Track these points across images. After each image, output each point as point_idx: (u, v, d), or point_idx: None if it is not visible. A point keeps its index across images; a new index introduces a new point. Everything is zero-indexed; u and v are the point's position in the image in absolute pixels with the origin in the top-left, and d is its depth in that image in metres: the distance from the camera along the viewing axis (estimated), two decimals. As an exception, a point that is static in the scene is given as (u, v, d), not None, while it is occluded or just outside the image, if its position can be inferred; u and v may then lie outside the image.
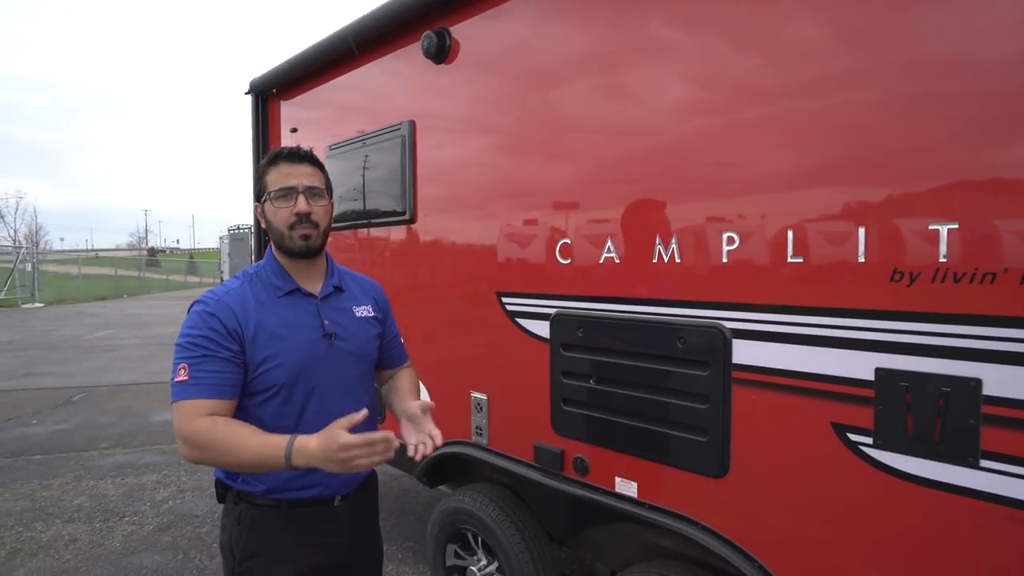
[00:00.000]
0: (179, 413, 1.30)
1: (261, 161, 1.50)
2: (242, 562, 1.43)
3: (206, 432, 1.27)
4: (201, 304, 1.39)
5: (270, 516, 1.43)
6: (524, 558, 2.19)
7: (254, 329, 1.38)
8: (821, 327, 1.41)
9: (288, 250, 1.46)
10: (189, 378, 1.31)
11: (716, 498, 1.63)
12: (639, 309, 1.78)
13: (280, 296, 1.46)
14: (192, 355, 1.33)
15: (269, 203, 1.45)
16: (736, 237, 1.56)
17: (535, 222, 2.09)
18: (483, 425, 2.32)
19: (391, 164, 2.68)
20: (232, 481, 1.45)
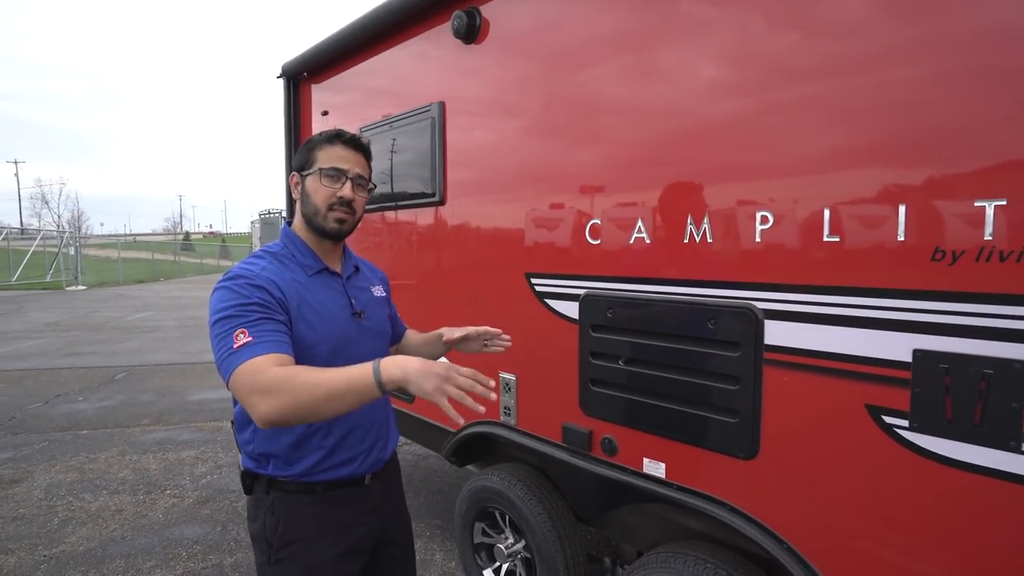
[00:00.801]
0: (249, 370, 1.17)
1: (318, 135, 1.49)
2: (280, 549, 1.41)
3: (284, 371, 1.17)
4: (240, 278, 1.32)
5: (304, 500, 1.42)
6: (551, 536, 2.22)
7: (297, 305, 1.37)
8: (857, 307, 1.38)
9: (319, 228, 1.46)
10: (253, 339, 1.22)
11: (745, 479, 1.62)
12: (669, 290, 1.77)
13: (311, 275, 1.46)
14: (249, 319, 1.25)
15: (314, 178, 1.45)
16: (770, 217, 1.54)
17: (564, 203, 2.09)
18: (511, 405, 2.34)
19: (421, 146, 2.70)
20: (263, 468, 1.42)
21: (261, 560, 1.45)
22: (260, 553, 1.45)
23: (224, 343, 1.24)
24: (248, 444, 1.45)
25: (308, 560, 1.42)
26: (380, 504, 1.55)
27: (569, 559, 2.21)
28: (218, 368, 1.25)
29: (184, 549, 3.14)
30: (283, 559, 1.41)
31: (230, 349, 1.21)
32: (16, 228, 30.25)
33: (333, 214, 1.45)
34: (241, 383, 1.18)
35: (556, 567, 2.20)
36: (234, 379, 1.19)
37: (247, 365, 1.19)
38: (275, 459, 1.41)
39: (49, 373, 7.25)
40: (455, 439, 2.63)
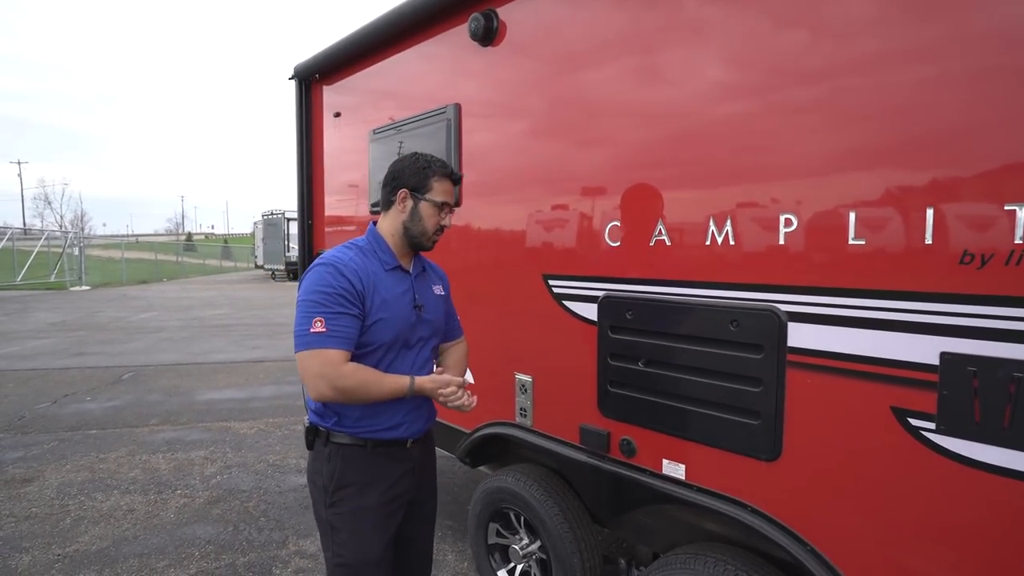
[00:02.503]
0: (322, 360, 1.54)
1: (434, 163, 1.75)
2: (336, 492, 1.69)
3: (353, 375, 1.57)
4: (332, 266, 1.61)
5: (357, 453, 1.69)
6: (567, 538, 2.22)
7: (372, 292, 1.65)
8: (883, 310, 1.39)
9: (419, 244, 1.77)
10: (327, 330, 1.55)
11: (767, 481, 1.63)
12: (691, 292, 1.77)
13: (387, 270, 1.72)
14: (329, 310, 1.56)
15: (430, 206, 1.74)
16: (794, 219, 1.54)
17: (584, 205, 2.10)
18: (527, 406, 2.35)
19: (436, 148, 2.70)
20: (325, 422, 1.70)
21: (318, 507, 1.74)
22: (317, 500, 1.74)
23: (303, 322, 1.57)
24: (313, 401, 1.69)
25: (357, 503, 1.69)
26: (419, 467, 1.83)
27: (586, 560, 2.21)
28: (294, 335, 1.60)
29: (197, 549, 3.15)
30: (336, 502, 1.69)
31: (307, 331, 1.55)
32: (19, 228, 30.32)
33: (435, 236, 1.79)
34: (310, 366, 1.55)
35: (572, 568, 2.21)
36: (305, 357, 1.56)
37: (325, 355, 1.55)
38: (340, 415, 1.69)
39: (56, 373, 7.27)
40: (469, 440, 2.63)
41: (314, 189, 3.85)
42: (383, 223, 1.78)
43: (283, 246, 22.47)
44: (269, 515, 3.54)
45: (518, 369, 2.38)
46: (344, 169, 3.57)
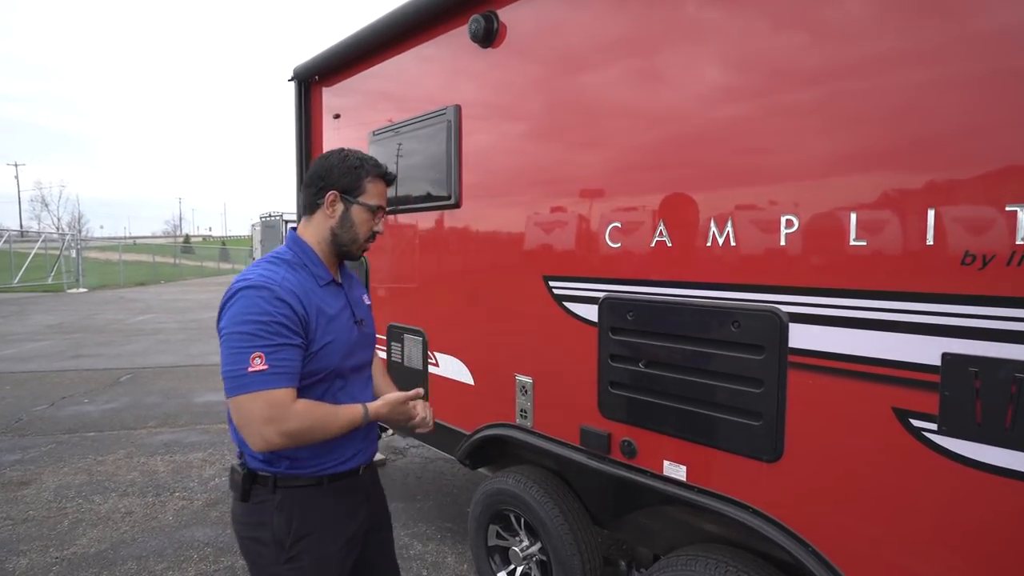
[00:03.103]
0: (268, 402, 1.29)
1: (366, 161, 1.54)
2: (293, 545, 1.43)
3: (307, 415, 1.35)
4: (265, 289, 1.36)
5: (313, 494, 1.47)
6: (567, 539, 2.22)
7: (315, 315, 1.43)
8: (884, 311, 1.39)
9: (349, 253, 1.57)
10: (269, 367, 1.30)
11: (769, 482, 1.63)
12: (692, 293, 1.77)
13: (322, 285, 1.51)
14: (269, 343, 1.32)
15: (363, 211, 1.53)
16: (795, 220, 1.54)
17: (584, 206, 2.10)
18: (528, 408, 2.35)
19: (437, 149, 2.71)
20: (275, 467, 1.44)
21: (266, 567, 1.45)
22: (265, 559, 1.44)
23: (238, 359, 1.31)
24: None
25: (319, 552, 1.47)
26: (370, 494, 1.66)
27: (586, 562, 2.21)
28: (225, 377, 1.33)
29: (195, 551, 3.14)
30: (296, 555, 1.44)
31: (243, 370, 1.30)
32: (16, 231, 30.25)
33: (366, 244, 1.58)
34: (253, 411, 1.30)
35: (573, 569, 2.20)
36: (244, 402, 1.30)
37: (271, 396, 1.30)
38: (293, 459, 1.45)
39: (54, 375, 7.25)
40: (469, 441, 2.63)
41: (313, 191, 3.85)
42: (307, 230, 1.54)
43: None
44: (268, 517, 3.53)
45: (518, 370, 2.38)
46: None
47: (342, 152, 1.54)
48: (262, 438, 1.31)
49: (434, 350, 2.83)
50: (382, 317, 3.20)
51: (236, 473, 1.48)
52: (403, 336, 3.02)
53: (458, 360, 2.69)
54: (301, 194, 1.50)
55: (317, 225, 1.53)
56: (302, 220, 1.58)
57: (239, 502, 1.48)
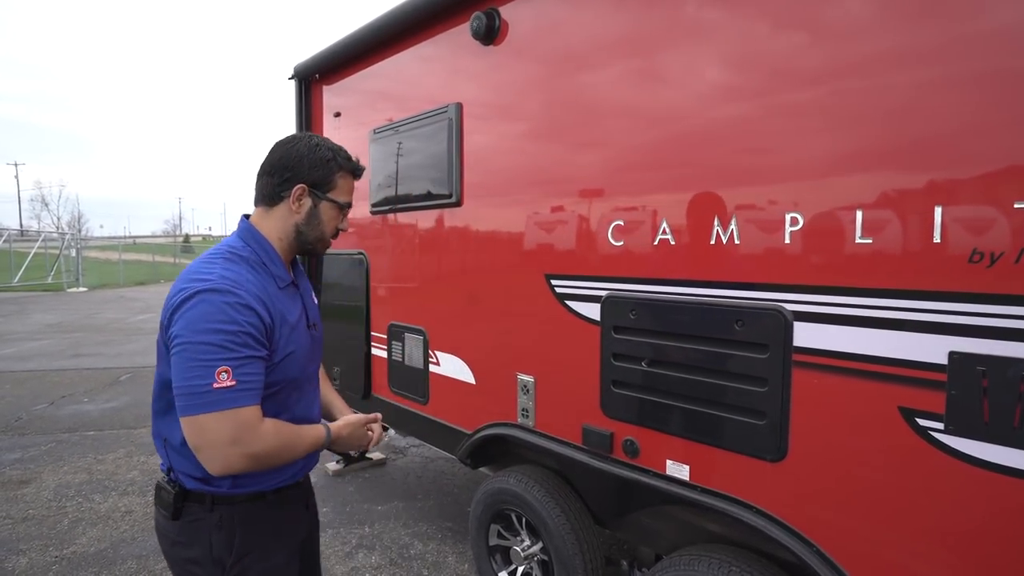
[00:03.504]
0: (236, 423, 1.17)
1: (338, 153, 1.42)
2: (235, 564, 1.33)
3: (274, 436, 1.24)
4: (231, 294, 1.22)
5: (256, 509, 1.36)
6: (569, 539, 2.21)
7: (280, 324, 1.32)
8: (890, 310, 1.38)
9: (311, 251, 1.46)
10: (236, 383, 1.18)
11: (773, 482, 1.62)
12: (695, 292, 1.76)
13: (282, 287, 1.38)
14: (235, 355, 1.19)
15: (332, 207, 1.42)
16: (800, 218, 1.53)
17: (587, 204, 2.09)
18: (529, 407, 2.34)
19: (438, 147, 2.70)
20: (216, 486, 1.31)
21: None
22: None
23: (200, 373, 1.16)
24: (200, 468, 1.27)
25: (265, 565, 1.37)
26: (308, 499, 1.57)
27: (588, 561, 2.20)
28: (182, 393, 1.18)
29: (195, 551, 3.13)
30: (239, 574, 1.34)
31: (207, 386, 1.16)
32: (16, 230, 30.25)
33: (330, 241, 1.47)
34: (219, 432, 1.17)
35: (575, 569, 2.19)
36: (209, 421, 1.16)
37: (231, 416, 1.17)
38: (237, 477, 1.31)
39: (53, 375, 7.24)
40: (470, 440, 2.62)
41: (314, 189, 3.83)
42: (266, 223, 1.39)
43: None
44: (268, 517, 3.52)
45: (520, 370, 2.37)
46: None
47: (311, 140, 1.40)
48: (224, 462, 1.18)
49: (435, 349, 2.82)
50: (383, 316, 3.19)
51: (165, 492, 1.34)
52: (404, 335, 3.01)
53: (459, 359, 2.68)
54: (259, 181, 1.40)
55: (279, 219, 1.39)
56: (257, 210, 1.42)
57: (169, 520, 1.34)
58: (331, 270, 3.67)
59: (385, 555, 3.07)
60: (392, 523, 3.42)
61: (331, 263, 3.67)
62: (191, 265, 1.31)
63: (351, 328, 3.42)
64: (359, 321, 3.33)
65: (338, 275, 3.61)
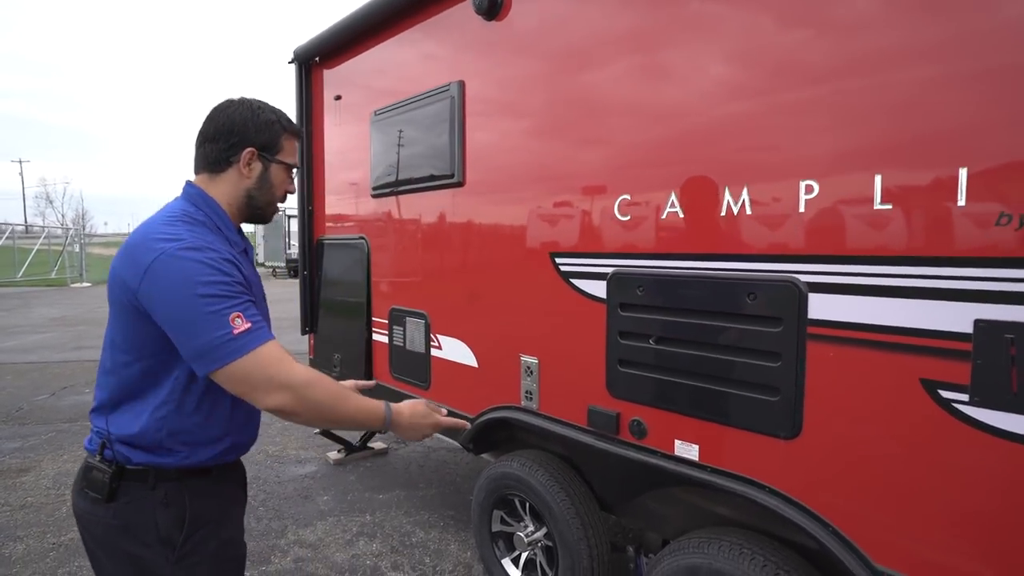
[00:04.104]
0: (269, 359, 1.17)
1: (280, 116, 1.39)
2: (188, 539, 1.26)
3: (314, 374, 1.23)
4: (210, 251, 1.20)
5: (202, 483, 1.30)
6: (574, 524, 2.16)
7: (249, 280, 1.30)
8: (911, 278, 1.32)
9: (261, 216, 1.43)
10: (252, 324, 1.17)
11: (786, 460, 1.56)
12: (704, 265, 1.70)
13: (238, 252, 1.34)
14: (240, 301, 1.19)
15: (282, 170, 1.40)
16: (815, 185, 1.47)
17: (592, 180, 2.03)
18: (533, 389, 2.28)
19: (440, 127, 2.64)
20: (166, 457, 1.25)
21: (156, 568, 1.24)
22: (152, 561, 1.24)
23: (216, 324, 1.14)
24: (152, 433, 1.23)
25: (220, 539, 1.33)
26: (244, 488, 1.51)
27: (593, 547, 2.15)
28: (205, 349, 1.14)
29: (194, 538, 3.09)
30: (190, 551, 1.27)
31: (227, 334, 1.14)
32: (20, 225, 30.31)
33: (278, 207, 1.46)
34: (258, 370, 1.16)
35: (580, 555, 2.14)
36: (245, 365, 1.15)
37: (265, 353, 1.17)
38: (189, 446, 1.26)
39: (55, 366, 7.21)
40: (473, 425, 2.56)
41: (314, 175, 3.78)
42: (214, 189, 1.34)
43: (284, 243, 22.39)
44: (268, 505, 3.48)
45: (524, 351, 2.31)
46: (345, 153, 3.51)
47: (252, 104, 1.36)
48: (274, 400, 1.17)
49: (437, 332, 2.77)
50: (384, 301, 3.14)
51: (98, 471, 1.24)
52: (405, 319, 2.96)
53: (461, 342, 2.62)
54: (201, 148, 1.35)
55: (229, 185, 1.35)
56: (200, 177, 1.36)
57: (103, 504, 1.23)
58: (332, 256, 3.62)
59: (386, 543, 3.03)
60: (393, 511, 3.38)
61: (331, 249, 3.62)
62: (149, 225, 1.26)
63: (352, 314, 3.37)
64: (360, 307, 3.28)
65: (338, 261, 3.57)
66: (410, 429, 1.42)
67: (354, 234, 3.38)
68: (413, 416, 1.42)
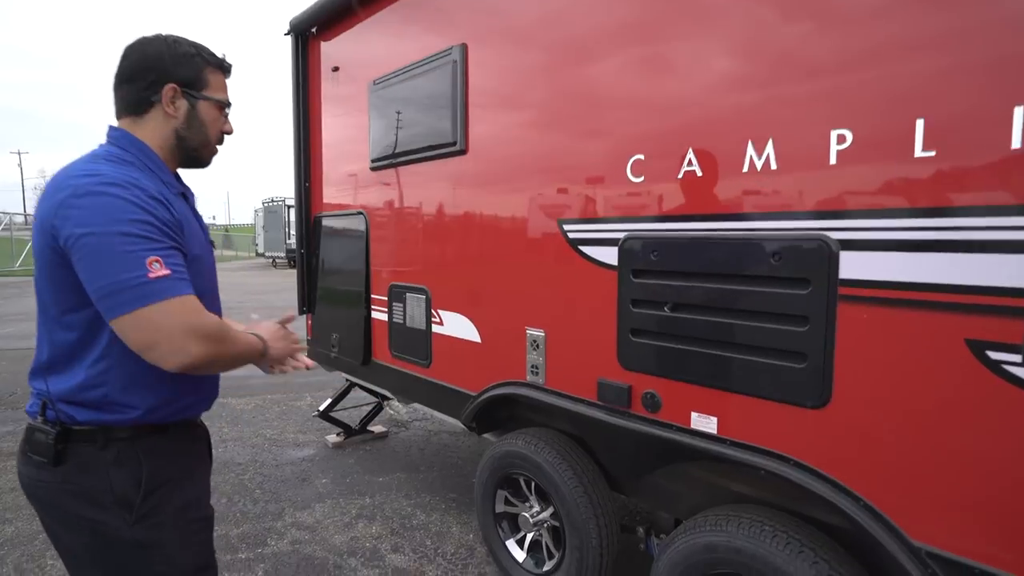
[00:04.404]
0: (185, 309, 1.08)
1: (201, 48, 1.28)
2: (147, 498, 1.17)
3: (220, 325, 1.14)
4: (134, 188, 1.10)
5: (158, 441, 1.21)
6: (583, 503, 2.06)
7: (185, 222, 1.19)
8: (957, 230, 1.21)
9: (197, 159, 1.34)
10: (171, 272, 1.08)
11: (813, 431, 1.46)
12: (725, 226, 1.60)
13: (175, 194, 1.24)
14: (162, 246, 1.09)
15: (211, 107, 1.29)
16: (848, 135, 1.36)
17: (602, 142, 1.91)
18: (539, 363, 2.18)
19: (441, 93, 2.52)
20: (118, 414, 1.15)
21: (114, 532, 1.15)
22: (108, 525, 1.15)
23: (129, 265, 1.04)
24: (93, 389, 1.14)
25: (182, 499, 1.23)
26: (209, 449, 1.42)
27: (603, 527, 2.05)
28: (111, 291, 1.04)
29: (188, 521, 3.00)
30: (150, 511, 1.17)
31: (142, 277, 1.04)
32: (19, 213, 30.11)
33: (216, 148, 1.36)
34: (169, 320, 1.06)
35: (588, 535, 2.05)
36: (156, 315, 1.05)
37: (179, 304, 1.07)
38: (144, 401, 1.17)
39: (51, 351, 7.11)
40: (476, 402, 2.47)
41: (312, 152, 3.67)
42: (143, 131, 1.24)
43: (283, 234, 22.24)
44: (265, 487, 3.39)
45: (529, 324, 2.21)
46: (343, 127, 3.39)
47: (167, 37, 1.24)
48: (183, 352, 1.06)
49: (438, 308, 2.66)
50: (383, 277, 3.04)
51: (40, 433, 1.15)
52: (405, 296, 2.86)
53: (464, 317, 2.52)
54: (119, 91, 1.25)
55: (156, 126, 1.24)
56: (123, 121, 1.25)
57: (49, 468, 1.14)
58: (329, 233, 3.51)
59: (386, 525, 2.94)
60: (394, 494, 3.29)
61: (329, 224, 3.51)
62: (69, 166, 1.15)
63: (350, 292, 3.27)
64: (359, 284, 3.17)
65: (336, 237, 3.45)
66: (275, 348, 1.30)
67: (353, 210, 3.27)
68: (271, 334, 1.31)
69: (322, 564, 2.61)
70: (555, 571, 2.21)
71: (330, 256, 3.50)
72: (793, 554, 1.49)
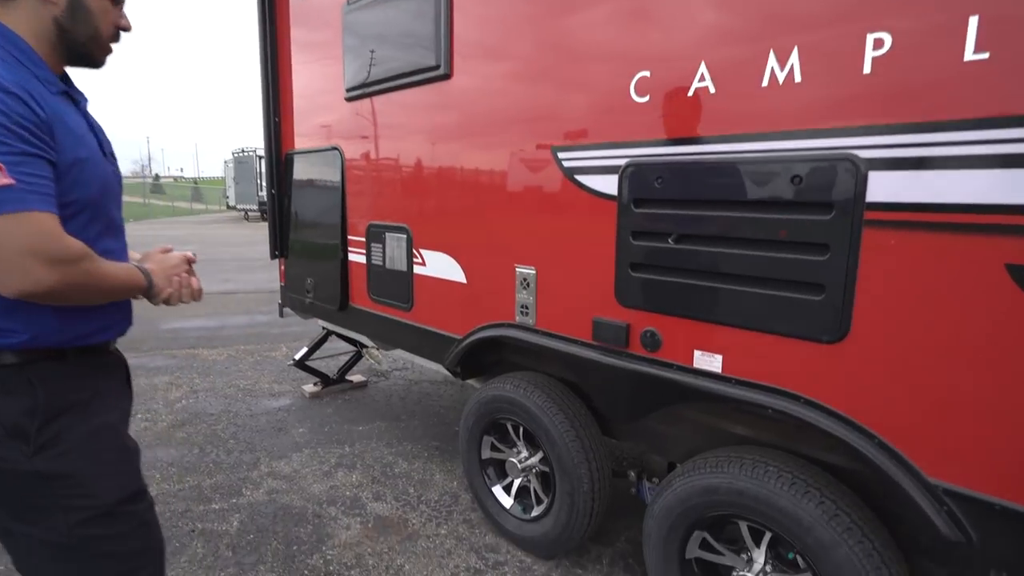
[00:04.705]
0: (31, 228, 0.94)
1: None
2: (46, 426, 1.04)
3: (85, 252, 1.01)
4: None
5: (56, 367, 1.08)
6: (574, 447, 1.98)
7: (57, 122, 1.02)
8: (1007, 143, 1.09)
9: (87, 56, 1.16)
10: (16, 182, 0.93)
11: (827, 367, 1.37)
12: (739, 147, 1.46)
13: (53, 93, 1.07)
14: (8, 151, 0.93)
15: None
16: (886, 39, 1.22)
17: (603, 55, 1.73)
18: (530, 303, 2.05)
19: (423, 11, 2.29)
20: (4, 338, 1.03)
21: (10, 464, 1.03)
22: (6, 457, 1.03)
23: None
24: None
25: (90, 425, 1.10)
26: (127, 379, 1.31)
27: (595, 471, 1.98)
28: None
29: (158, 471, 2.87)
30: (51, 441, 1.05)
31: None
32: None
33: (110, 45, 1.18)
34: (12, 239, 0.93)
35: (580, 480, 1.97)
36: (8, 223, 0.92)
37: (24, 219, 0.93)
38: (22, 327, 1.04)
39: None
40: (461, 346, 2.34)
41: (280, 84, 3.38)
42: (12, 18, 1.05)
43: (255, 186, 21.48)
44: (239, 437, 3.26)
45: (519, 262, 2.07)
46: (314, 56, 3.11)
47: None
48: (24, 277, 0.94)
49: (420, 248, 2.50)
50: (361, 217, 2.85)
51: None
52: (384, 235, 2.68)
53: (448, 256, 2.37)
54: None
55: (28, 13, 1.06)
56: None
57: None
58: (302, 170, 3.28)
59: (367, 473, 2.85)
60: (374, 443, 3.19)
61: (301, 163, 3.27)
62: None
63: (325, 233, 3.07)
64: (334, 224, 2.98)
65: (309, 175, 3.23)
66: (161, 273, 1.21)
67: (326, 144, 3.04)
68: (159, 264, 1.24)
69: (301, 513, 2.51)
70: (544, 516, 2.15)
71: (303, 196, 3.29)
72: (798, 495, 1.43)
